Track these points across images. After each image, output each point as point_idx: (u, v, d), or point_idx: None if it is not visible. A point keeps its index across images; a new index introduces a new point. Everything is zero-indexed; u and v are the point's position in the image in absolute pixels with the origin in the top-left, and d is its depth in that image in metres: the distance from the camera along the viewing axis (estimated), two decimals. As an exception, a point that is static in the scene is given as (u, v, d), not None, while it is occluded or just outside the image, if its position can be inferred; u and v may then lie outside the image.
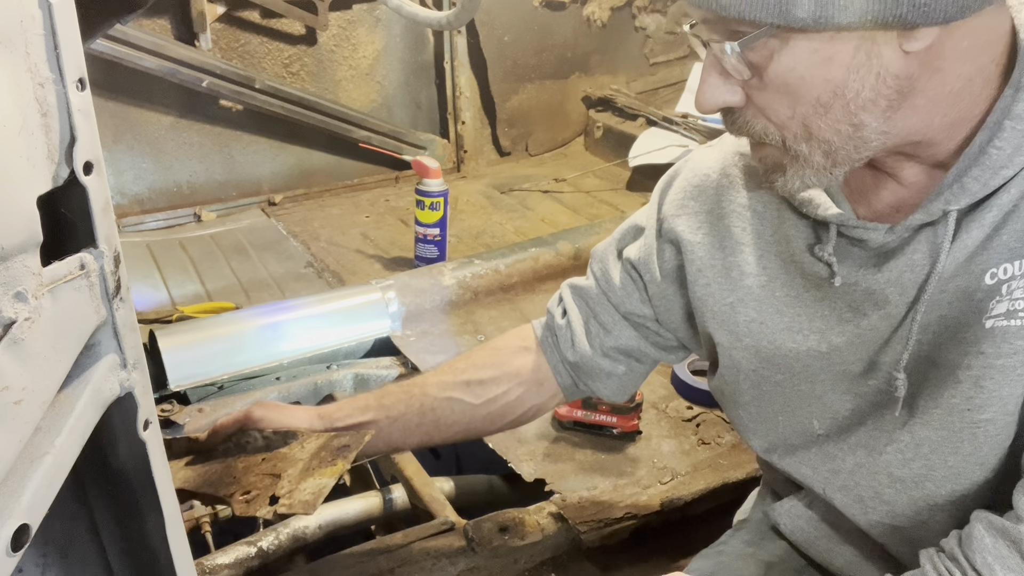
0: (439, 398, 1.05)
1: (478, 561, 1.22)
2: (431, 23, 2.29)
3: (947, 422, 0.77)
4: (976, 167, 0.71)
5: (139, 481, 0.60)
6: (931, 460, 0.79)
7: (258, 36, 2.44)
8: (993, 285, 0.72)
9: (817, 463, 0.90)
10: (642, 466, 1.41)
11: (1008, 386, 0.72)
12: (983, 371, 0.73)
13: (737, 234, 0.90)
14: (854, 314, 0.82)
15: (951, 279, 0.75)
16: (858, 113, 0.71)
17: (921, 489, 0.81)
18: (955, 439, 0.77)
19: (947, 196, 0.73)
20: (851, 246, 0.80)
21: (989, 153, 0.71)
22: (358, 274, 2.10)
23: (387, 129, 2.65)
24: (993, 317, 0.71)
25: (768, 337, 0.88)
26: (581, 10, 2.91)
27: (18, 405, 0.44)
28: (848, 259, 0.81)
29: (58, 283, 0.48)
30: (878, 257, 0.79)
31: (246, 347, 1.65)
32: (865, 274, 0.80)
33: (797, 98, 0.71)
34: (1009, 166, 0.70)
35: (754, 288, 0.89)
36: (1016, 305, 0.70)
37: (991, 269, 0.72)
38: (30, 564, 0.61)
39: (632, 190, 2.67)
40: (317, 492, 0.86)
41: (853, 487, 0.87)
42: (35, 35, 0.45)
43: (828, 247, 0.81)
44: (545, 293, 1.99)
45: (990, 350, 0.72)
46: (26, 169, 0.45)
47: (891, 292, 0.78)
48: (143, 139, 2.37)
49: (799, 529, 0.97)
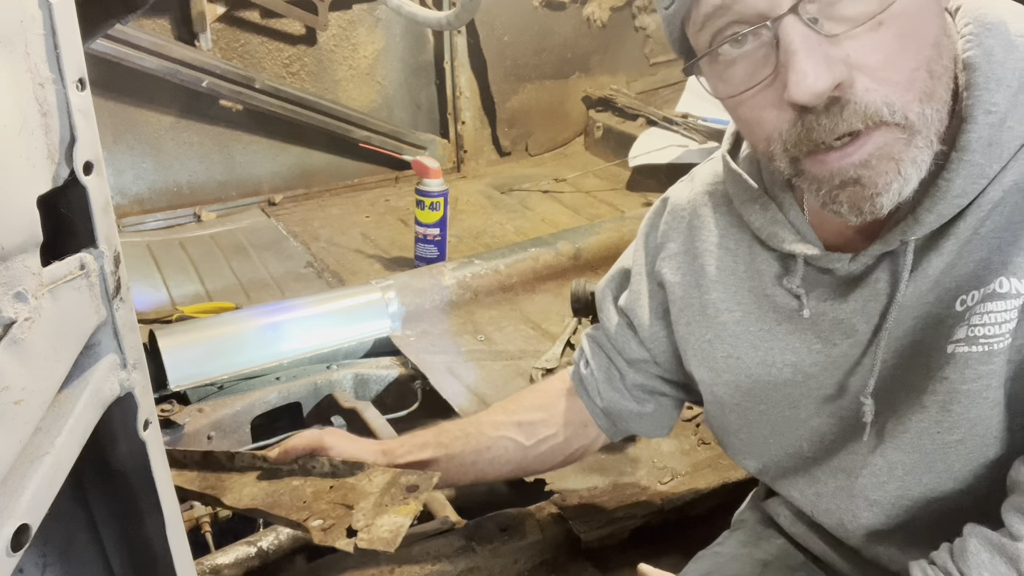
0: (494, 437, 1.08)
1: (478, 561, 1.22)
2: (431, 23, 2.29)
3: (918, 445, 0.77)
4: (928, 199, 0.70)
5: (139, 481, 0.60)
6: (906, 481, 0.80)
7: (258, 36, 2.44)
8: (961, 311, 0.72)
9: (804, 486, 0.91)
10: (642, 466, 1.41)
11: (976, 408, 0.73)
12: (948, 396, 0.73)
13: (711, 272, 0.91)
14: (824, 344, 0.83)
15: (918, 306, 0.75)
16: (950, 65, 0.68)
17: (898, 508, 0.82)
18: (927, 460, 0.77)
19: (902, 227, 0.72)
20: (819, 274, 0.81)
21: (939, 186, 0.69)
22: (358, 274, 2.10)
23: (387, 129, 2.65)
24: (954, 342, 0.72)
25: (745, 372, 0.89)
26: (581, 10, 2.91)
27: (18, 405, 0.44)
28: (817, 288, 0.81)
29: (58, 283, 0.48)
30: (845, 286, 0.79)
31: (246, 347, 1.65)
32: (832, 304, 0.80)
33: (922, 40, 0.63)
34: (962, 195, 0.69)
35: (729, 324, 0.89)
36: (975, 332, 0.70)
37: (961, 296, 0.72)
38: (30, 564, 0.61)
39: (632, 190, 2.67)
40: (395, 530, 0.90)
41: (835, 510, 0.87)
42: (35, 35, 0.45)
43: (796, 279, 0.81)
44: (545, 293, 2.00)
45: (953, 375, 0.72)
46: (26, 169, 0.45)
47: (857, 321, 0.79)
48: (143, 139, 2.37)
49: (796, 524, 0.98)
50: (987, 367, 0.70)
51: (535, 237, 2.17)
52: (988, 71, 0.68)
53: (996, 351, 0.70)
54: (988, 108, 0.68)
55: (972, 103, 0.68)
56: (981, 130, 0.68)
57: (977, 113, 0.68)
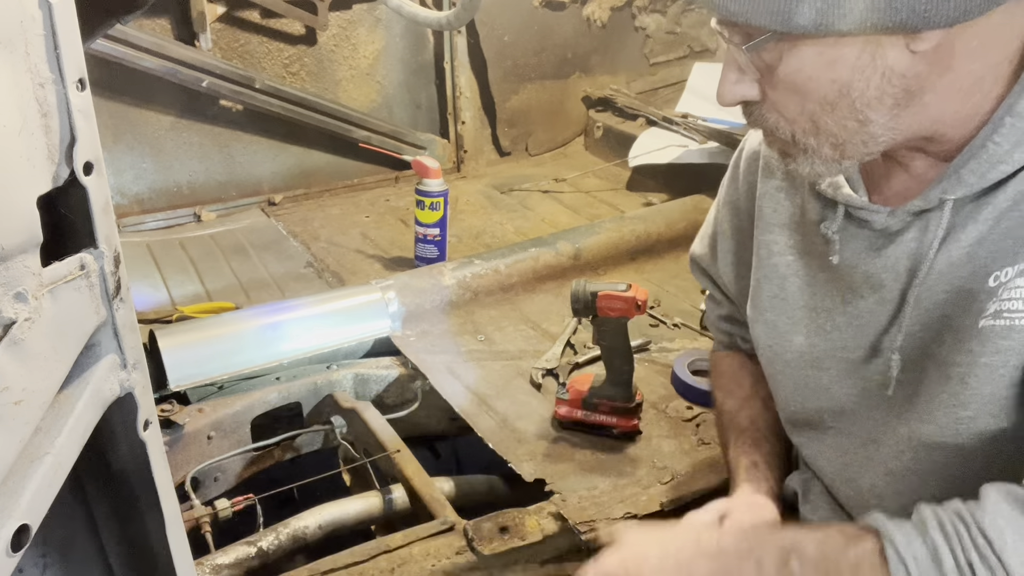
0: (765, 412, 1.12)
1: (478, 561, 1.22)
2: (431, 23, 2.29)
3: (935, 416, 0.79)
4: (974, 160, 0.73)
5: (139, 481, 0.60)
6: (919, 454, 0.81)
7: (258, 36, 2.43)
8: (994, 287, 0.73)
9: (832, 456, 0.94)
10: (642, 466, 1.41)
11: (990, 385, 0.73)
12: (969, 368, 0.74)
13: (768, 215, 0.96)
14: (853, 295, 0.86)
15: (951, 278, 0.76)
16: (864, 110, 0.73)
17: (907, 483, 0.83)
18: (940, 434, 0.79)
19: (944, 186, 0.75)
20: (858, 228, 0.84)
21: (987, 148, 0.72)
22: (358, 274, 2.10)
23: (387, 129, 2.65)
24: (985, 317, 0.73)
25: (788, 313, 0.93)
26: (581, 10, 2.91)
27: (18, 405, 0.44)
28: (853, 240, 0.84)
29: (58, 283, 0.48)
30: (880, 240, 0.82)
31: (246, 347, 1.65)
32: (865, 257, 0.83)
33: (805, 96, 0.74)
34: (1007, 161, 0.71)
35: (779, 267, 0.94)
36: (1003, 306, 0.71)
37: (995, 272, 0.73)
38: (30, 564, 0.61)
39: (632, 190, 2.67)
40: None
41: (856, 479, 0.90)
42: (35, 35, 0.45)
43: (834, 225, 0.85)
44: (545, 293, 2.00)
45: (977, 348, 0.74)
46: (26, 169, 0.45)
47: (886, 277, 0.82)
48: (143, 139, 2.37)
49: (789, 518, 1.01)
50: (1007, 342, 0.71)
51: (535, 237, 2.17)
52: None
53: (1018, 327, 0.71)
54: None
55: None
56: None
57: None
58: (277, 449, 1.60)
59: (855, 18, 0.66)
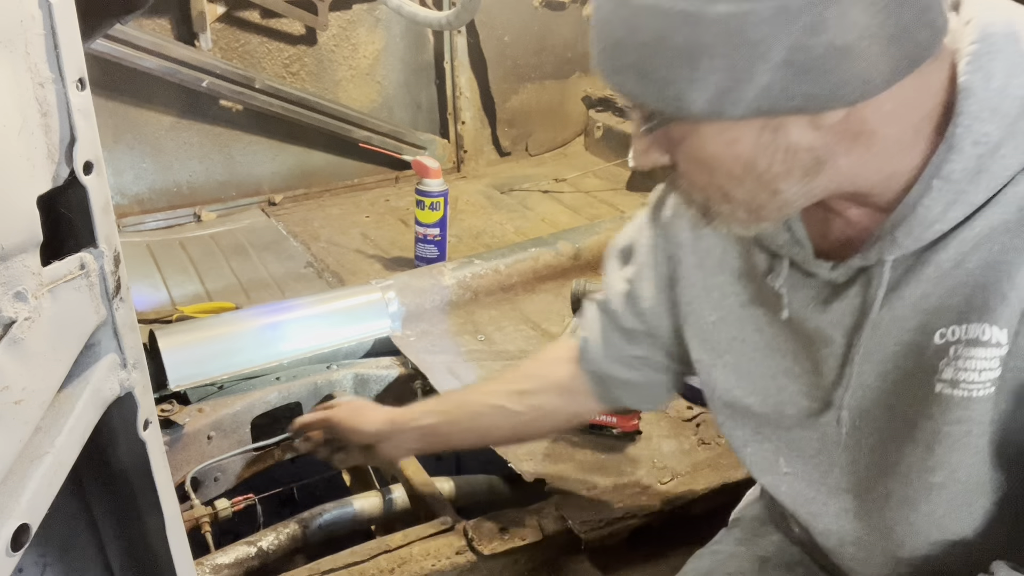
0: (489, 404, 1.16)
1: (478, 561, 1.22)
2: (431, 23, 2.29)
3: (908, 478, 0.78)
4: (906, 223, 0.70)
5: (139, 481, 0.60)
6: (896, 514, 0.80)
7: (258, 36, 2.44)
8: (942, 345, 0.72)
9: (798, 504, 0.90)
10: (642, 466, 1.41)
11: (957, 453, 0.73)
12: (932, 435, 0.74)
13: (717, 255, 0.91)
14: (804, 347, 0.83)
15: (899, 331, 0.75)
16: (772, 183, 0.71)
17: (889, 541, 0.82)
18: (913, 497, 0.78)
19: (880, 246, 0.73)
20: (804, 278, 0.81)
21: (918, 212, 0.69)
22: (358, 274, 2.10)
23: (387, 129, 2.65)
24: (942, 381, 0.72)
25: (748, 355, 0.89)
26: (581, 10, 2.91)
27: (18, 405, 0.44)
28: (801, 291, 0.82)
29: (58, 283, 0.48)
30: (827, 291, 0.80)
31: (246, 347, 1.65)
32: (813, 311, 0.81)
33: (712, 171, 0.72)
34: (942, 220, 0.69)
35: (735, 307, 0.90)
36: (959, 375, 0.70)
37: (940, 329, 0.72)
38: (30, 564, 0.61)
39: (632, 190, 2.67)
40: None
41: (836, 531, 0.88)
42: (35, 35, 0.45)
43: (779, 279, 0.82)
44: (545, 293, 1.99)
45: (938, 415, 0.73)
46: (26, 169, 0.45)
47: (834, 333, 0.79)
48: (143, 139, 2.37)
49: (792, 521, 0.98)
50: (966, 412, 0.71)
51: (535, 237, 2.17)
52: (984, 99, 0.66)
53: (976, 399, 0.70)
54: (977, 139, 0.66)
55: (960, 132, 0.66)
56: (967, 161, 0.67)
57: (964, 144, 0.66)
58: (277, 449, 1.60)
59: (748, 105, 0.64)
